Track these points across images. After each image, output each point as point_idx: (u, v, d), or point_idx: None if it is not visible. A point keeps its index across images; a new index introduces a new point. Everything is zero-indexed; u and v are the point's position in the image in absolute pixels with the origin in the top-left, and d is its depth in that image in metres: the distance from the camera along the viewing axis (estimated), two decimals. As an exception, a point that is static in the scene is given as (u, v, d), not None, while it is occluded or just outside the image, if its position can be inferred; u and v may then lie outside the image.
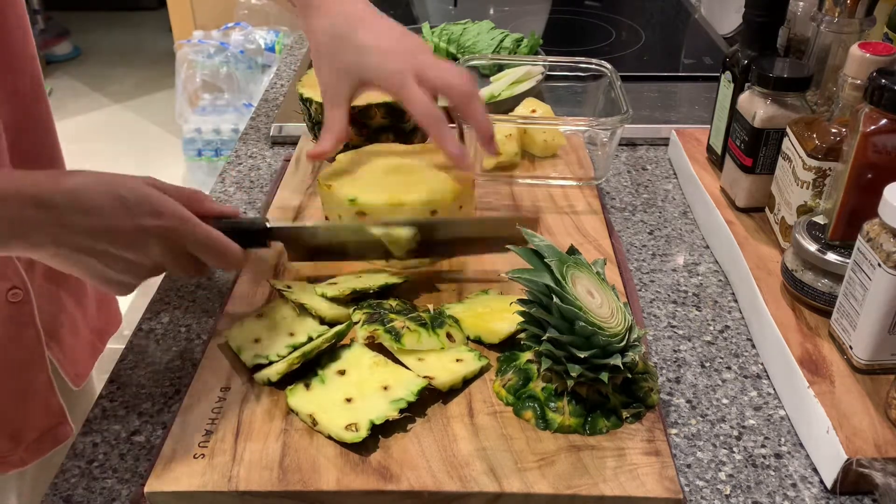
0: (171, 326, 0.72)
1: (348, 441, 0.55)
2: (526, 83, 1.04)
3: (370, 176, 0.74)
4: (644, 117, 1.06)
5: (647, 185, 0.94)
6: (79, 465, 0.59)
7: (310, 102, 0.86)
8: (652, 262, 0.81)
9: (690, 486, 0.58)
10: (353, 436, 0.55)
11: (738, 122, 0.79)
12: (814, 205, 0.71)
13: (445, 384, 0.60)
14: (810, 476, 0.58)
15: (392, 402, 0.57)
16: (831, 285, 0.66)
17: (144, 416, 0.63)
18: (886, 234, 0.57)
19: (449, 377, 0.60)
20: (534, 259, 0.59)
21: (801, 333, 0.65)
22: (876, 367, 0.61)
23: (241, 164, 0.99)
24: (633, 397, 0.59)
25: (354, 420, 0.56)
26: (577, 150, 0.95)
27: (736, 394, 0.65)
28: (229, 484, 0.54)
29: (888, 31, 0.85)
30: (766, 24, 0.82)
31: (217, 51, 2.82)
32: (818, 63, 0.77)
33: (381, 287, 0.69)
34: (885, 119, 0.61)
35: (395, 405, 0.57)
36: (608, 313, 0.57)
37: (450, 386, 0.60)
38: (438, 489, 0.53)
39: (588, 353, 0.55)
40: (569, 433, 0.57)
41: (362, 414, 0.57)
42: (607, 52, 1.27)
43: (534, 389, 0.59)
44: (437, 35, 1.21)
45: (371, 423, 0.56)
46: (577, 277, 0.58)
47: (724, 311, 0.74)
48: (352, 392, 0.59)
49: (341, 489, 0.54)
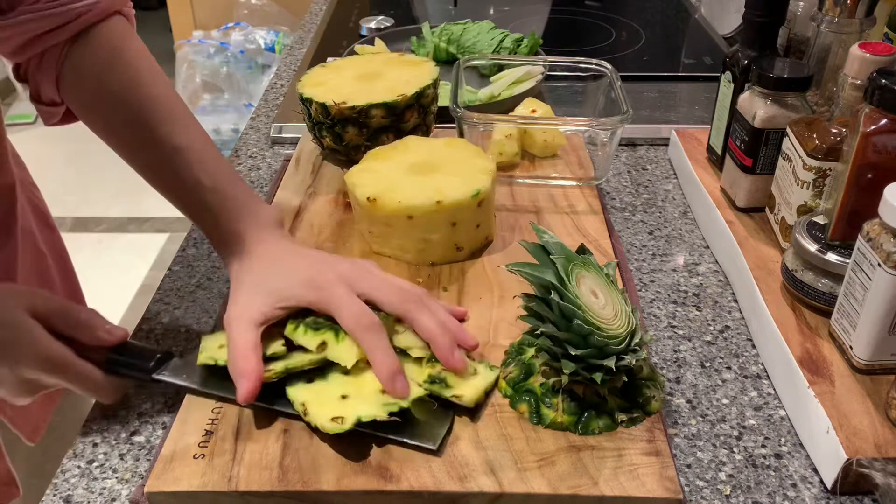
0: (171, 326, 0.72)
1: (329, 432, 0.55)
2: (526, 83, 1.04)
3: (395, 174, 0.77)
4: (644, 117, 1.06)
5: (647, 185, 0.94)
6: (79, 465, 0.59)
7: (310, 102, 0.86)
8: (652, 262, 0.81)
9: (690, 486, 0.58)
10: (335, 427, 0.55)
11: (739, 122, 0.79)
12: (814, 205, 0.71)
13: (472, 400, 0.59)
14: (810, 476, 0.58)
15: (384, 405, 0.56)
16: (831, 285, 0.66)
17: (144, 416, 0.63)
18: (886, 234, 0.57)
19: (473, 392, 0.59)
20: (540, 254, 0.59)
21: (801, 333, 0.65)
22: (876, 367, 0.61)
23: (241, 165, 0.99)
24: (633, 402, 0.59)
25: (343, 414, 0.56)
26: (577, 150, 0.95)
27: (736, 394, 0.65)
28: (229, 484, 0.54)
29: (888, 31, 0.85)
30: (766, 24, 0.82)
31: (217, 51, 2.82)
32: (818, 63, 0.77)
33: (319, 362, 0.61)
34: (885, 119, 0.61)
35: (387, 408, 0.56)
36: (611, 315, 0.57)
37: (476, 401, 0.59)
38: (438, 489, 0.53)
39: (583, 352, 0.56)
40: (560, 430, 0.57)
41: (352, 410, 0.56)
42: (607, 52, 1.27)
43: (532, 384, 0.59)
44: (437, 35, 1.21)
45: (358, 418, 0.55)
46: (583, 277, 0.58)
47: (724, 311, 0.74)
48: (349, 390, 0.58)
49: (341, 489, 0.54)
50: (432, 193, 0.72)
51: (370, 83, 0.88)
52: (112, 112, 0.69)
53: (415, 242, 0.74)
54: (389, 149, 0.81)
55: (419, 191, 0.73)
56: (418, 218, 0.72)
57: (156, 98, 0.68)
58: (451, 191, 0.73)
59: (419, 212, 0.72)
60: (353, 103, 0.84)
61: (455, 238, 0.74)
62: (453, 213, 0.73)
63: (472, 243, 0.76)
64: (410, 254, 0.75)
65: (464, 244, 0.75)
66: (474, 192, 0.73)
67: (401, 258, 0.75)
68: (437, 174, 0.76)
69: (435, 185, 0.74)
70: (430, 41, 1.21)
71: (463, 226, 0.74)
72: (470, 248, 0.76)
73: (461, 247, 0.75)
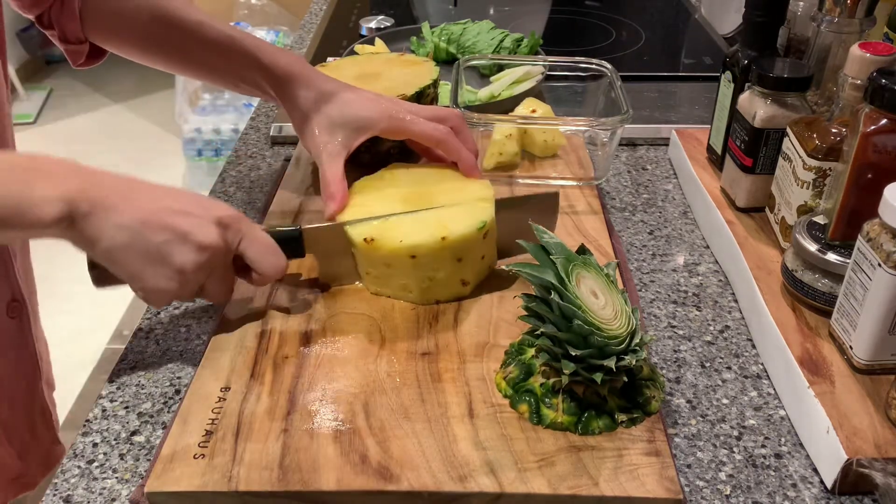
0: (171, 326, 0.72)
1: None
2: (526, 83, 1.04)
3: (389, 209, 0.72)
4: (644, 117, 1.06)
5: (647, 185, 0.94)
6: (79, 465, 0.59)
7: (310, 102, 0.86)
8: (652, 262, 0.81)
9: (690, 486, 0.58)
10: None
11: (739, 122, 0.79)
12: (814, 205, 0.71)
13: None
14: (810, 476, 0.58)
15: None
16: (831, 285, 0.66)
17: (144, 416, 0.63)
18: (886, 234, 0.57)
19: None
20: (541, 254, 0.59)
21: (801, 333, 0.65)
22: (876, 367, 0.61)
23: (241, 164, 0.99)
24: (633, 403, 0.59)
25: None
26: (577, 150, 0.95)
27: (736, 394, 0.65)
28: (229, 484, 0.54)
29: (888, 31, 0.84)
30: (766, 24, 0.82)
31: (217, 51, 2.81)
32: (818, 63, 0.77)
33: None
34: (885, 119, 0.61)
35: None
36: (611, 315, 0.57)
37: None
38: (438, 489, 0.53)
39: (583, 352, 0.56)
40: (560, 430, 0.57)
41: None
42: (607, 52, 1.27)
43: (532, 384, 0.59)
44: (437, 35, 1.21)
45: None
46: (583, 277, 0.58)
47: (724, 311, 0.74)
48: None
49: (341, 489, 0.54)
50: (435, 229, 0.68)
51: (370, 83, 0.88)
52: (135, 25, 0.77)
53: (418, 282, 0.69)
54: (375, 179, 0.77)
55: (421, 227, 0.68)
56: (422, 257, 0.67)
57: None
58: (454, 224, 0.68)
59: (423, 250, 0.67)
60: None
61: (461, 273, 0.70)
62: (459, 249, 0.68)
63: (478, 276, 0.72)
64: (413, 293, 0.70)
65: (470, 278, 0.71)
66: (479, 224, 0.69)
67: (402, 298, 0.71)
68: (436, 206, 0.72)
69: (436, 219, 0.69)
70: (430, 41, 1.21)
71: (469, 260, 0.70)
72: (476, 280, 0.72)
73: (467, 281, 0.71)
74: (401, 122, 0.75)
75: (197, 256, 0.60)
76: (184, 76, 0.83)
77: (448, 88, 0.93)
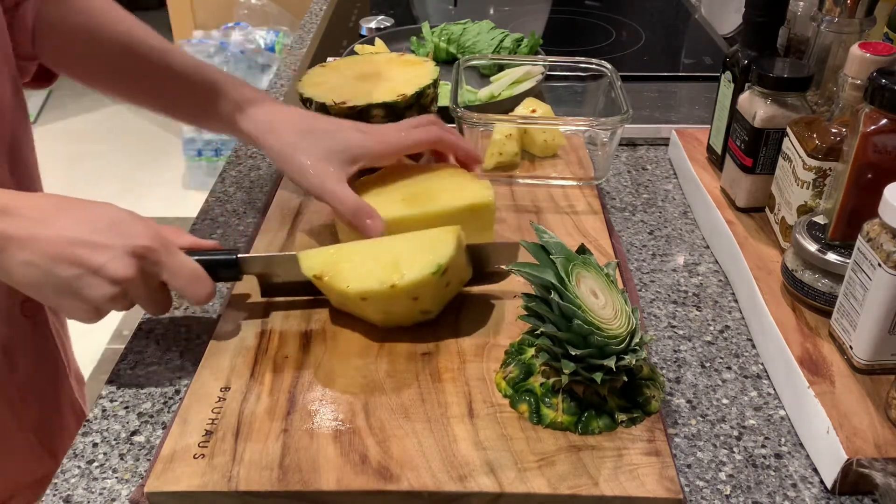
0: (171, 326, 0.72)
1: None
2: (526, 83, 1.04)
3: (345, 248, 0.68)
4: (644, 117, 1.06)
5: (647, 185, 0.94)
6: (79, 465, 0.59)
7: (310, 102, 0.86)
8: (652, 262, 0.81)
9: (690, 486, 0.58)
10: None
11: (739, 122, 0.79)
12: (814, 205, 0.71)
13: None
14: (810, 476, 0.58)
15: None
16: (831, 285, 0.66)
17: (144, 416, 0.63)
18: (886, 234, 0.57)
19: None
20: (540, 254, 0.59)
21: (801, 333, 0.65)
22: (876, 367, 0.61)
23: (241, 164, 0.99)
24: (633, 402, 0.59)
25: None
26: (577, 150, 0.95)
27: (736, 394, 0.65)
28: (229, 484, 0.54)
29: (888, 31, 0.85)
30: (766, 24, 0.82)
31: (217, 51, 2.82)
32: (818, 63, 0.77)
33: None
34: (885, 119, 0.61)
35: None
36: (611, 315, 0.57)
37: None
38: (438, 489, 0.53)
39: (583, 351, 0.56)
40: (560, 430, 0.57)
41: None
42: (607, 52, 1.27)
43: (532, 384, 0.59)
44: (437, 35, 1.21)
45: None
46: (583, 277, 0.58)
47: (724, 311, 0.74)
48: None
49: (341, 489, 0.54)
50: (384, 274, 0.63)
51: (370, 83, 0.88)
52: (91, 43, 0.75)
53: (374, 314, 0.66)
54: (375, 179, 0.76)
55: (369, 272, 0.64)
56: (372, 300, 0.64)
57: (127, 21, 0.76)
58: (408, 268, 0.63)
59: (373, 295, 0.63)
60: (353, 103, 0.84)
61: (420, 306, 0.65)
62: (413, 292, 0.63)
63: (444, 301, 0.68)
64: (374, 320, 0.67)
65: (432, 308, 0.67)
66: (434, 268, 0.63)
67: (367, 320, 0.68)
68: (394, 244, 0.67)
69: (391, 260, 0.64)
70: (430, 41, 1.21)
71: (426, 297, 0.65)
72: (441, 306, 0.68)
73: (428, 311, 0.67)
74: (392, 143, 0.74)
75: (110, 290, 0.59)
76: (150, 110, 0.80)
77: (448, 88, 0.93)
